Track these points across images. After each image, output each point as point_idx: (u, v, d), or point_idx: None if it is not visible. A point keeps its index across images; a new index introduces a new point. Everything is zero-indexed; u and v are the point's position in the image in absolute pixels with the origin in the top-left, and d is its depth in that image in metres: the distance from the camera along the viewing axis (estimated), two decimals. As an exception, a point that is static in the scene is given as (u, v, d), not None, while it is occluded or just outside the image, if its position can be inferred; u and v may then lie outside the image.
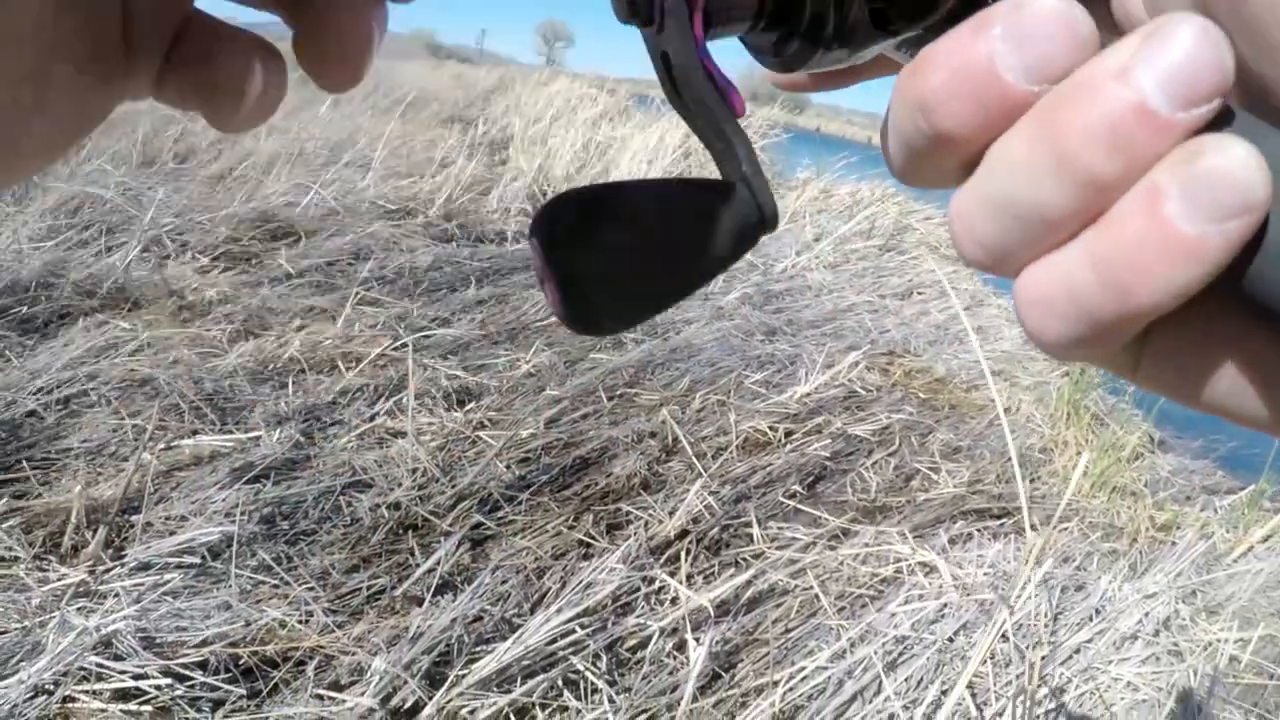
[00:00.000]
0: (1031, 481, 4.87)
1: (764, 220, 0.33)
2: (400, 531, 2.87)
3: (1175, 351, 0.29)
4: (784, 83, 0.51)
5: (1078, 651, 3.03)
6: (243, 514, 2.73)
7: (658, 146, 8.63)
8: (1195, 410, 0.30)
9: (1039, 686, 2.74)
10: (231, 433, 3.15)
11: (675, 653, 2.60)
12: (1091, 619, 3.23)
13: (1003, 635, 2.94)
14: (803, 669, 2.64)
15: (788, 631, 2.87)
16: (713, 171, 0.37)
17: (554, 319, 4.65)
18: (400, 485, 3.02)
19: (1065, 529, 4.27)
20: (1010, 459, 4.80)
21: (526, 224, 6.06)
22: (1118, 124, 0.24)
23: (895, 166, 0.33)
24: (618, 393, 4.17)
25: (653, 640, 2.58)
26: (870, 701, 2.57)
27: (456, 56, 42.33)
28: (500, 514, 3.06)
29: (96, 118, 0.35)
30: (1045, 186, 0.25)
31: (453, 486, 3.08)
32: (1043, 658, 2.86)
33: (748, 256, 6.68)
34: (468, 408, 3.63)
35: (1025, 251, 0.27)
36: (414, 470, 3.12)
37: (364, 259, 5.08)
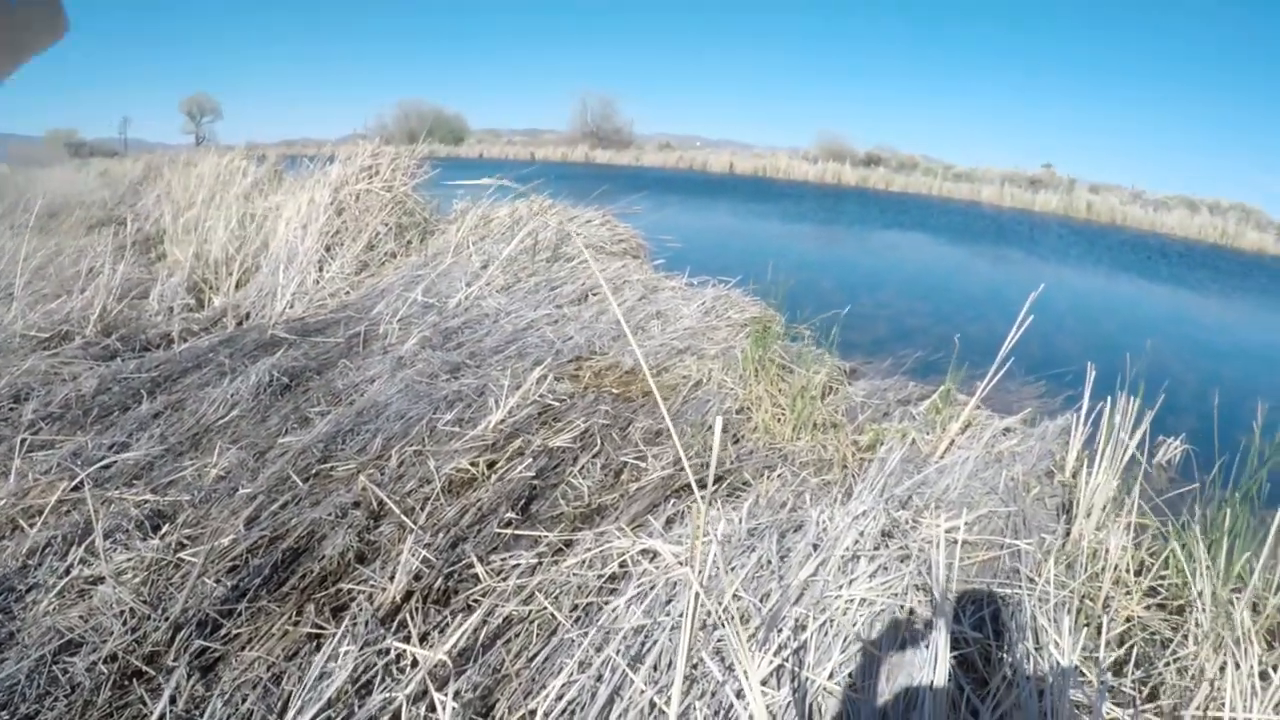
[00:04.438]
0: (736, 442, 5.06)
1: None
2: (125, 683, 2.73)
3: None
4: None
5: (806, 588, 3.16)
6: (-50, 719, 2.59)
7: (310, 209, 8.48)
8: None
9: (773, 631, 2.87)
10: (-81, 633, 2.96)
11: (429, 715, 2.60)
12: (812, 553, 3.38)
13: (736, 594, 3.09)
14: (557, 689, 2.70)
15: (532, 659, 2.92)
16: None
17: (236, 414, 4.55)
18: (112, 635, 2.87)
19: (778, 476, 4.46)
20: (709, 428, 5.03)
21: (192, 321, 5.83)
22: None
23: None
24: (312, 472, 4.10)
25: (403, 710, 2.58)
26: (627, 697, 2.65)
27: (101, 151, 40.04)
28: (223, 632, 2.97)
29: None
30: None
31: (166, 619, 2.95)
32: (771, 604, 3.00)
33: (420, 298, 6.66)
34: (163, 531, 3.49)
35: None
36: (121, 614, 2.97)
37: (25, 400, 4.79)
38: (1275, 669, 2.80)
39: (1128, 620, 3.51)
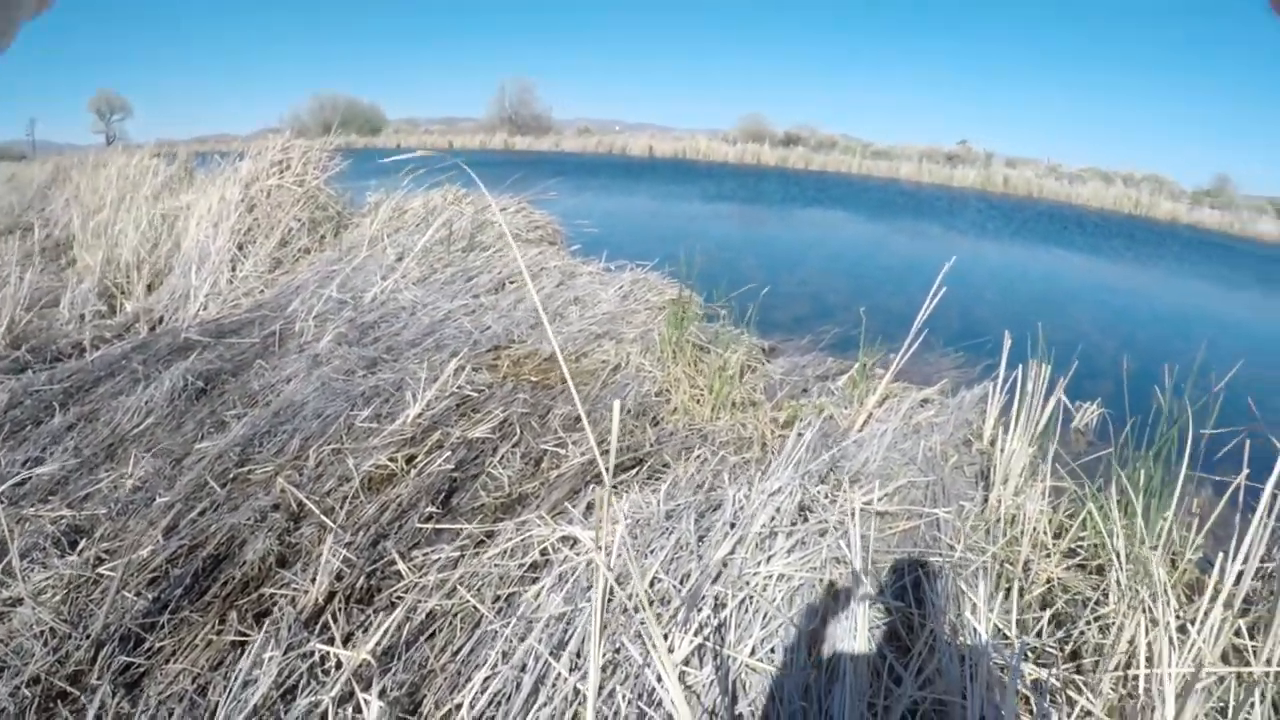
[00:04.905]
0: (655, 424, 5.08)
1: None
2: (50, 705, 2.69)
3: None
4: None
5: (725, 566, 3.20)
6: None
7: (220, 207, 8.35)
8: None
9: (693, 610, 2.89)
10: None
11: (356, 716, 2.60)
12: (730, 531, 3.42)
13: (656, 577, 3.11)
14: (481, 681, 2.71)
15: (457, 652, 2.92)
16: None
17: (151, 421, 4.49)
18: (34, 657, 2.83)
19: (697, 457, 4.49)
20: (628, 412, 5.05)
21: (104, 328, 5.72)
22: None
23: None
24: (230, 476, 4.06)
25: (329, 713, 2.58)
26: (553, 684, 2.67)
27: (8, 155, 38.79)
28: (146, 646, 2.93)
29: None
30: None
31: (88, 637, 2.92)
32: (691, 584, 3.03)
33: (335, 294, 6.61)
34: (81, 546, 3.43)
35: None
36: (42, 634, 2.93)
37: (-67, 420, 4.70)
38: (1193, 622, 2.87)
39: (1048, 582, 3.61)
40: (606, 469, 1.57)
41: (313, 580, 3.23)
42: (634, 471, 4.42)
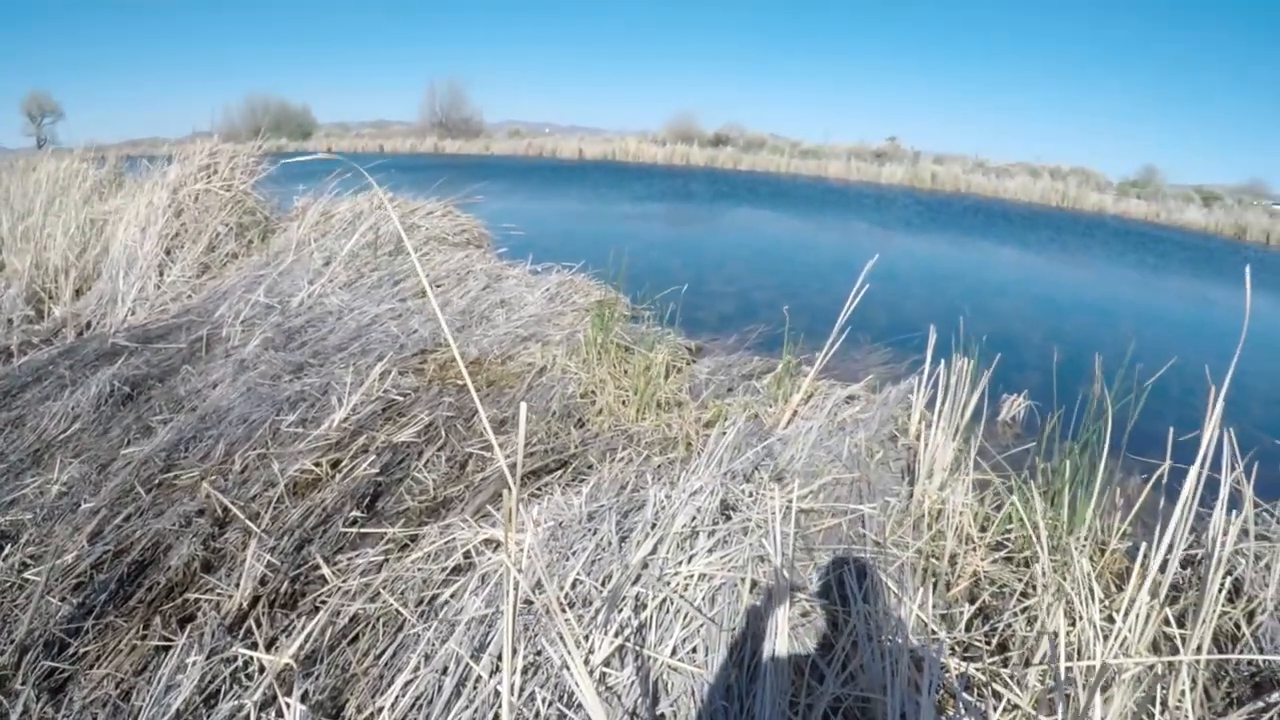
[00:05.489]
0: (580, 426, 5.14)
1: None
2: None
3: None
4: None
5: (645, 567, 3.24)
6: None
7: (148, 211, 8.29)
8: None
9: (614, 611, 2.95)
10: None
11: None
12: (651, 531, 3.45)
13: (576, 579, 3.17)
14: (403, 684, 2.76)
15: (379, 656, 2.98)
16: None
17: (78, 427, 4.49)
18: None
19: (621, 458, 4.55)
20: (553, 414, 5.11)
21: (31, 334, 5.68)
22: None
23: None
24: (155, 482, 4.08)
25: (251, 717, 2.62)
26: (473, 687, 2.72)
27: (-63, 163, 37.44)
28: (70, 651, 2.96)
29: None
30: None
31: (11, 642, 2.94)
32: (612, 585, 3.09)
33: (262, 299, 6.61)
34: (5, 552, 3.45)
35: None
36: None
37: None
38: (1120, 612, 2.90)
39: (974, 575, 3.71)
40: (513, 476, 1.64)
41: (237, 585, 3.27)
42: (558, 474, 4.48)
